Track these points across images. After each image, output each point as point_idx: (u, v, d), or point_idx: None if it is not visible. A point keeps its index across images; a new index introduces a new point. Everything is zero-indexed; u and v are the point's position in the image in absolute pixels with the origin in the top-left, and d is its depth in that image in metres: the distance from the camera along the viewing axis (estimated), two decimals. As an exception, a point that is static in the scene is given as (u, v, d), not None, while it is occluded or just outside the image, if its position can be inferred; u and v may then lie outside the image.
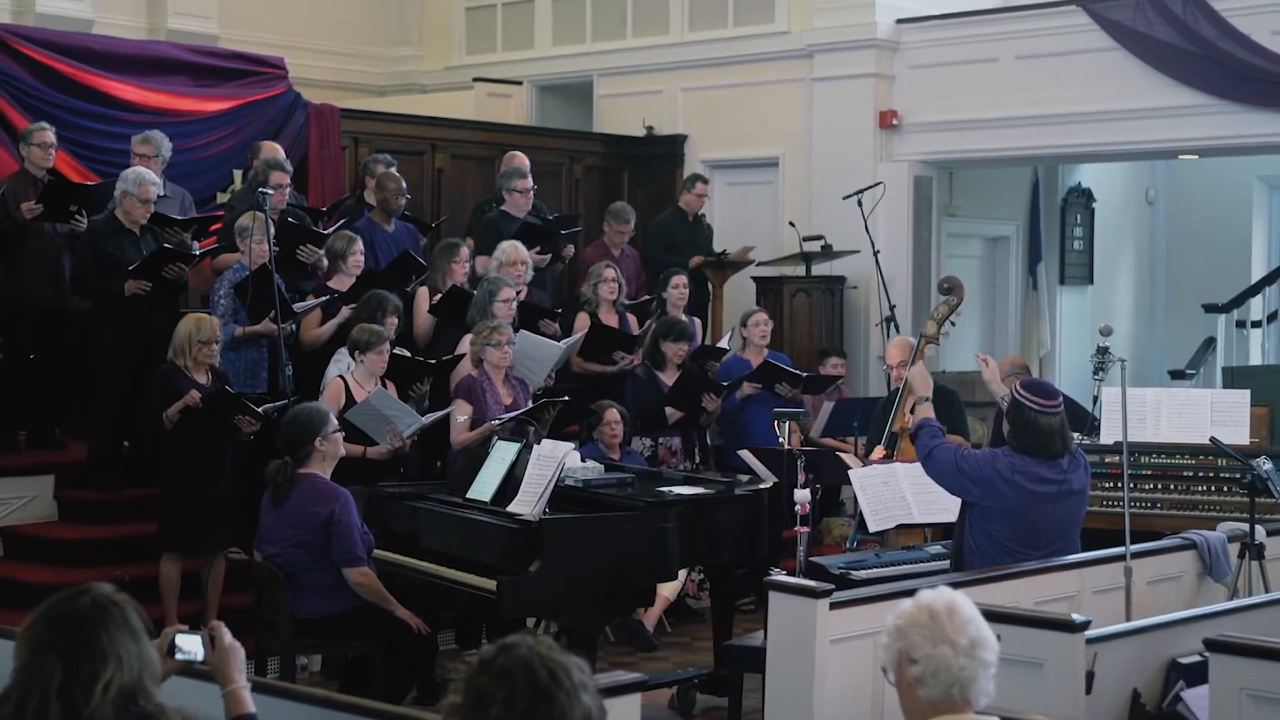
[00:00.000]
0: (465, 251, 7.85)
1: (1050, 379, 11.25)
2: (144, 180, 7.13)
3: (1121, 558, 4.74)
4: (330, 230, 7.84)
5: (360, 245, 7.53)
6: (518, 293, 7.49)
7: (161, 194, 7.36)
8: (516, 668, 2.15)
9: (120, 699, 2.61)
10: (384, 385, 6.74)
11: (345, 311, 7.17)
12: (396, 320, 7.07)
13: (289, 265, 7.54)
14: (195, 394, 6.42)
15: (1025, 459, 4.76)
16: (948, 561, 5.27)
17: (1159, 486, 6.75)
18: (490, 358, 6.85)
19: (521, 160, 9.04)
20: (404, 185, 8.26)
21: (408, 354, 7.18)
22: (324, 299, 7.29)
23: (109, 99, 8.56)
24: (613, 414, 7.31)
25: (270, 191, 7.38)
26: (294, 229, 7.69)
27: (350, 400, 6.59)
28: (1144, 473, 6.72)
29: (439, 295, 7.63)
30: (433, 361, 7.12)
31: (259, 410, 6.49)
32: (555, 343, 7.58)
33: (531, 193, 8.68)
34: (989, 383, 5.82)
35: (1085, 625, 3.89)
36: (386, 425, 6.56)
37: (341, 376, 6.74)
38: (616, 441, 7.30)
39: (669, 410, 7.83)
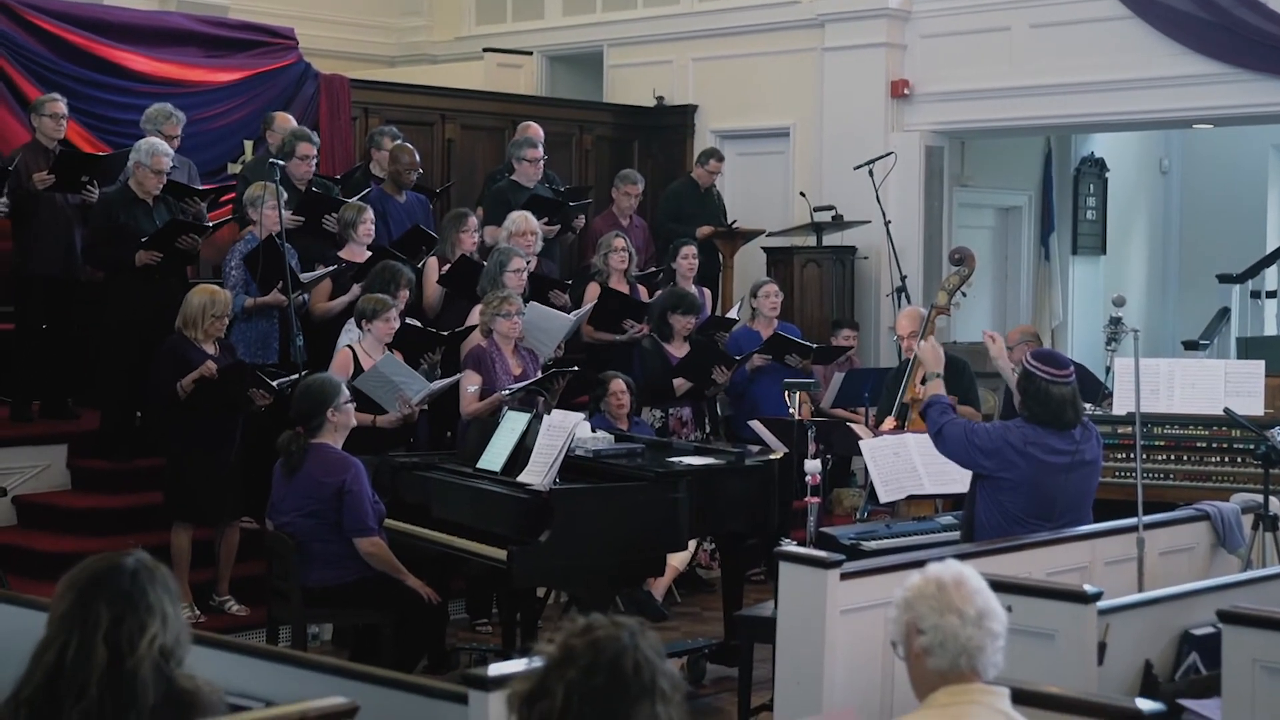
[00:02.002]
0: (474, 221, 7.82)
1: (1063, 350, 11.20)
2: (157, 151, 7.10)
3: (1134, 529, 4.69)
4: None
5: (371, 215, 7.50)
6: (528, 263, 7.45)
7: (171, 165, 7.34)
8: (610, 645, 2.16)
9: (160, 656, 2.63)
10: (392, 353, 6.71)
11: (356, 289, 7.13)
12: (408, 293, 7.04)
13: (315, 235, 7.51)
14: (211, 365, 6.40)
15: (1038, 430, 4.73)
16: (958, 532, 5.23)
17: (1172, 457, 6.68)
18: (500, 328, 6.81)
19: (535, 130, 8.99)
20: (417, 159, 8.23)
21: (418, 324, 7.14)
22: (332, 268, 7.26)
23: (120, 70, 8.53)
24: (618, 384, 7.28)
25: (281, 162, 7.38)
26: (318, 198, 7.66)
27: (359, 370, 6.55)
28: (1157, 444, 6.65)
29: (448, 265, 7.59)
30: (445, 333, 7.08)
31: (273, 384, 6.47)
32: (565, 314, 7.54)
33: (542, 163, 8.64)
34: (995, 359, 5.77)
35: (1097, 596, 3.85)
36: (395, 392, 6.54)
37: (350, 346, 6.71)
38: (623, 411, 7.27)
39: (676, 382, 7.79)
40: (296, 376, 6.47)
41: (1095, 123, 10.13)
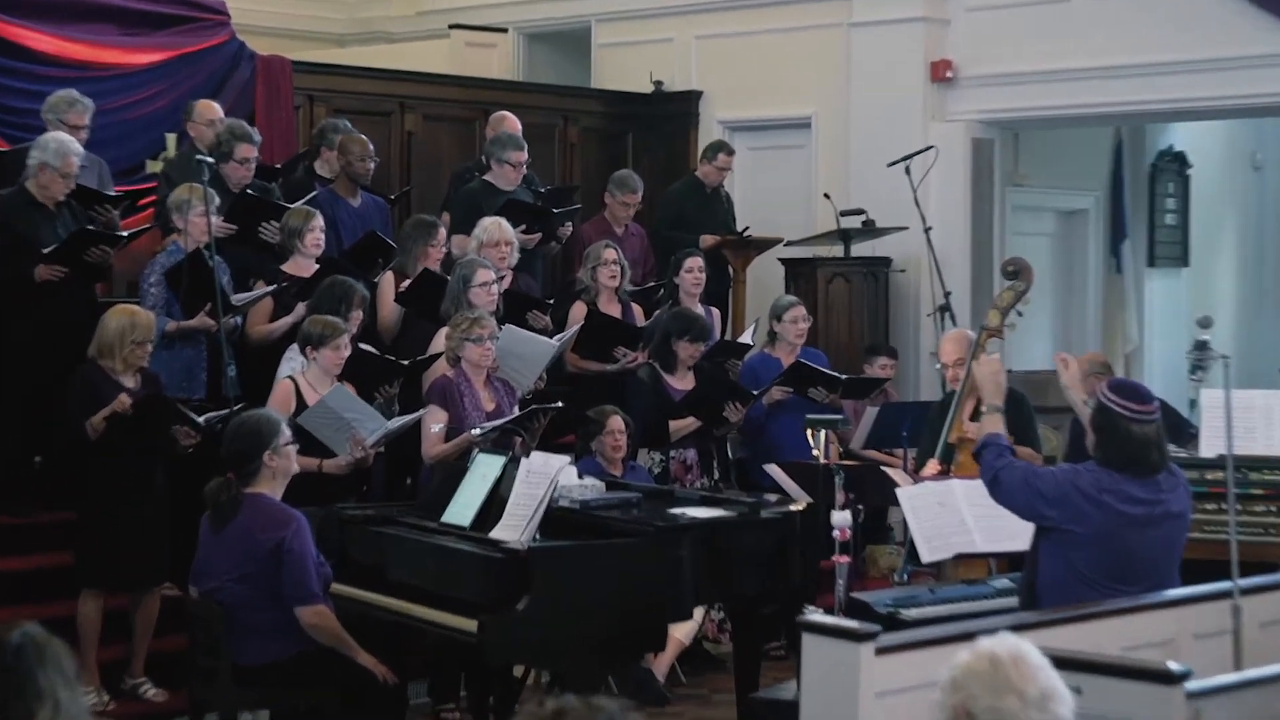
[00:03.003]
0: (442, 233, 7.82)
1: (1137, 380, 11.16)
2: (67, 151, 7.09)
3: (1228, 594, 4.65)
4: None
5: (320, 221, 7.50)
6: (500, 278, 7.44)
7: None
8: None
9: None
10: (342, 385, 6.68)
11: (301, 309, 7.11)
12: (361, 314, 7.03)
13: (250, 244, 7.51)
14: (125, 397, 6.41)
15: (1114, 475, 4.70)
16: (1016, 598, 5.20)
17: (1273, 508, 6.65)
18: (470, 355, 6.79)
19: (513, 123, 9.01)
20: (370, 147, 8.23)
21: (374, 351, 7.12)
22: (272, 288, 7.23)
23: (20, 50, 8.57)
24: (616, 422, 7.27)
25: (211, 159, 7.34)
26: (255, 202, 7.65)
27: (302, 405, 6.53)
28: (1253, 492, 6.61)
29: (407, 281, 7.57)
30: (405, 362, 7.06)
31: (199, 420, 6.45)
32: (546, 339, 7.52)
33: (525, 166, 8.63)
34: (1066, 389, 5.74)
35: (1185, 676, 3.80)
36: (346, 432, 6.51)
37: (292, 377, 6.69)
38: (619, 455, 7.26)
39: (674, 424, 7.76)
40: (227, 412, 6.44)
41: (1174, 110, 10.13)
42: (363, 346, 7.01)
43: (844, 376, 8.32)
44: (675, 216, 9.56)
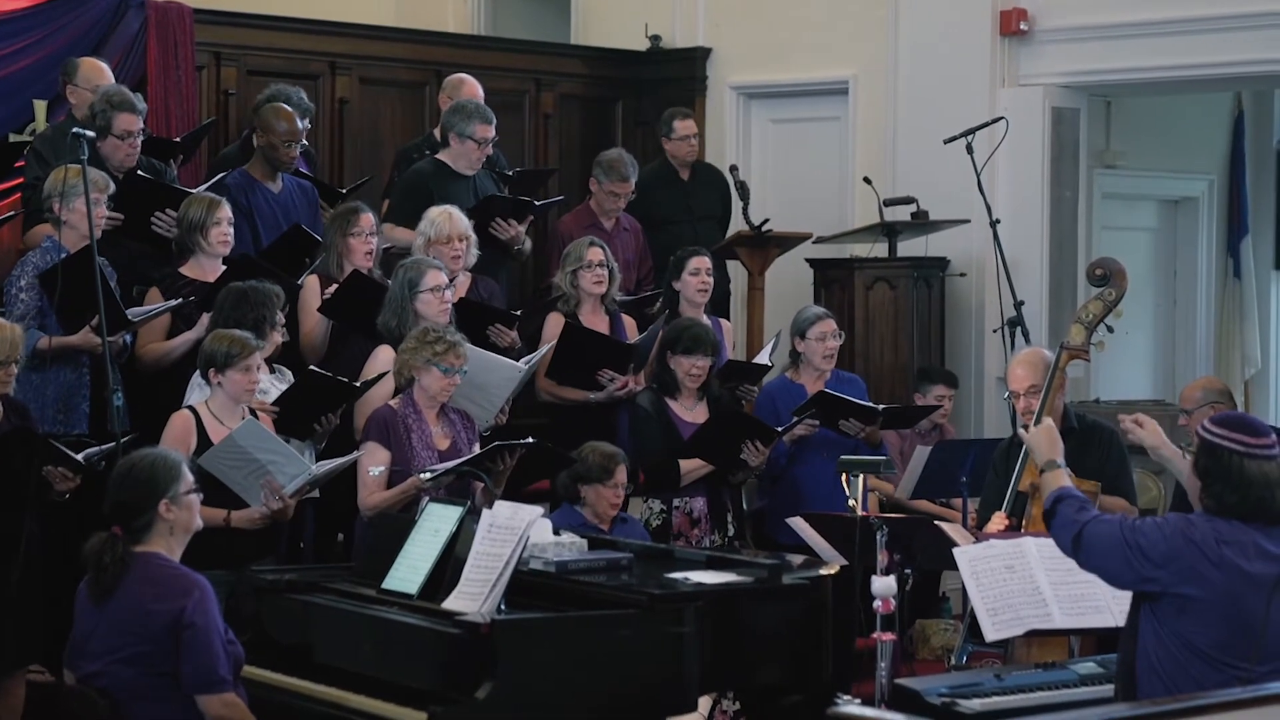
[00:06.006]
0: (368, 220, 7.81)
1: (1262, 412, 11.20)
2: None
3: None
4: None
5: (228, 212, 7.54)
6: (452, 280, 7.50)
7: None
8: None
9: None
10: (254, 417, 6.76)
11: (206, 321, 7.17)
12: (282, 332, 7.11)
13: (141, 240, 7.57)
14: (-21, 432, 6.44)
15: (1233, 524, 4.75)
16: (1109, 686, 5.25)
17: None
18: (430, 384, 6.87)
19: (473, 88, 9.07)
20: (300, 126, 8.28)
21: (323, 371, 7.14)
22: (176, 301, 7.28)
23: None
24: (624, 473, 7.24)
25: (90, 134, 7.36)
26: (147, 185, 7.69)
27: (205, 441, 6.60)
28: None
29: (334, 287, 7.64)
30: (358, 384, 7.10)
31: (78, 458, 6.49)
32: (510, 362, 7.56)
33: (491, 144, 8.67)
34: (1155, 450, 5.80)
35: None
36: (259, 476, 6.57)
37: (192, 407, 6.76)
38: (615, 513, 7.27)
39: (685, 465, 7.79)
40: (113, 446, 6.48)
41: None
42: (312, 368, 7.07)
43: (881, 406, 8.35)
44: (642, 213, 9.53)
